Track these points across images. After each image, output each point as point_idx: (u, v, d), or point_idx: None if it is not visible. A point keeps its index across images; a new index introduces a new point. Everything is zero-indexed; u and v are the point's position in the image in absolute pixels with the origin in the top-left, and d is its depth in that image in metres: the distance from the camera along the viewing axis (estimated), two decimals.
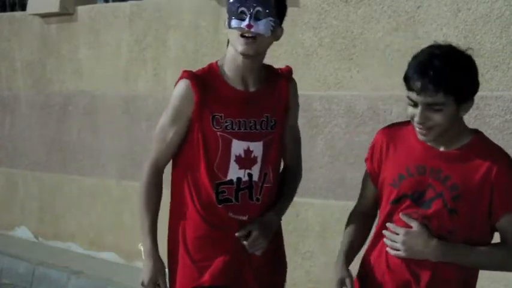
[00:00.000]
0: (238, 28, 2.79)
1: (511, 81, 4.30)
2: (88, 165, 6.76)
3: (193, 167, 2.90)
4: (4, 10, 8.12)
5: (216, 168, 2.87)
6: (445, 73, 2.44)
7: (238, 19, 2.79)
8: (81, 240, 6.79)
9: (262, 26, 2.79)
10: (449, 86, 2.43)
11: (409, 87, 2.47)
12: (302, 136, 3.18)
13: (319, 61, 5.12)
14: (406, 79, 2.48)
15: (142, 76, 6.29)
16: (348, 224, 2.81)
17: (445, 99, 2.44)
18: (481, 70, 4.38)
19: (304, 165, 5.22)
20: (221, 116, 2.86)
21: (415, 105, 2.47)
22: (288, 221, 5.40)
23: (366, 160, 2.75)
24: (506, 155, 2.60)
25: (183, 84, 2.88)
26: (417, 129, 2.52)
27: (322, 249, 5.07)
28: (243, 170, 2.89)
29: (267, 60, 3.01)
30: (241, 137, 2.89)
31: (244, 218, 2.91)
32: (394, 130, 2.70)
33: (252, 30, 2.78)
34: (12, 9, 8.04)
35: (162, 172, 2.97)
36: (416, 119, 2.48)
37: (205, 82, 2.88)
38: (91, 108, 6.78)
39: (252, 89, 2.92)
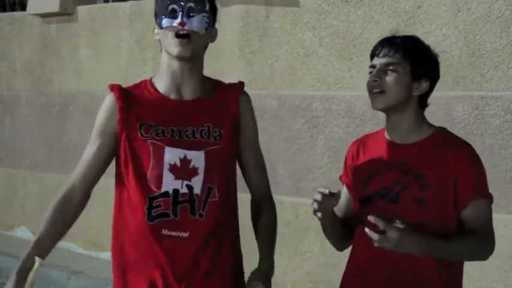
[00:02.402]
0: (171, 27, 2.58)
1: (511, 81, 4.30)
2: None
3: (125, 183, 2.65)
4: (4, 10, 8.12)
5: (149, 181, 2.59)
6: (406, 42, 2.61)
7: (169, 18, 2.59)
8: (81, 240, 6.80)
9: (196, 23, 2.59)
10: (407, 51, 2.58)
11: (372, 56, 2.62)
12: (302, 136, 3.17)
13: (319, 61, 5.12)
14: (371, 53, 2.64)
15: (142, 76, 6.22)
16: None
17: (401, 61, 2.56)
18: (481, 70, 4.42)
19: (304, 165, 5.24)
20: (151, 125, 2.60)
21: (372, 71, 2.60)
22: (288, 221, 5.41)
23: (340, 177, 2.81)
24: (469, 145, 2.63)
25: (107, 96, 2.68)
26: (370, 94, 2.59)
27: (322, 249, 5.07)
28: (179, 181, 2.57)
29: (267, 59, 2.99)
30: (176, 144, 2.59)
31: (185, 234, 2.57)
32: (364, 138, 2.79)
33: (186, 27, 2.57)
34: (12, 9, 8.05)
35: (84, 192, 2.70)
36: (371, 78, 2.58)
37: (133, 93, 2.67)
38: (91, 108, 6.77)
39: (188, 98, 2.64)
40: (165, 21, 2.60)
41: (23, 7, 7.70)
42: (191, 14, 2.60)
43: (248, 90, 2.77)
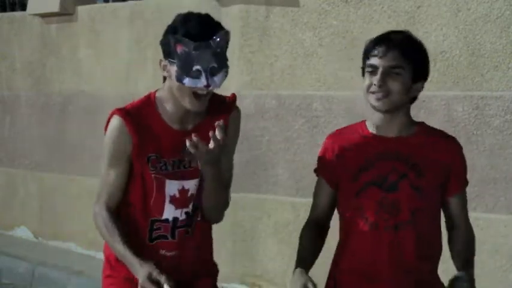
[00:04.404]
0: (194, 87, 2.64)
1: (511, 81, 4.30)
2: (88, 165, 6.75)
3: (130, 203, 2.79)
4: (4, 10, 8.12)
5: (152, 207, 2.76)
6: (407, 42, 2.63)
7: (192, 77, 2.63)
8: (81, 240, 6.79)
9: (217, 81, 2.66)
10: (410, 52, 2.60)
11: (370, 55, 2.60)
12: (302, 136, 3.17)
13: (319, 61, 5.12)
14: (367, 50, 2.62)
15: (142, 76, 6.29)
16: (301, 237, 2.94)
17: (406, 64, 2.58)
18: (481, 70, 4.42)
19: (304, 165, 5.23)
20: (156, 157, 2.73)
21: (373, 71, 2.58)
22: (288, 221, 5.41)
23: (315, 170, 2.82)
24: (454, 138, 2.74)
25: (117, 120, 2.73)
26: (374, 96, 2.59)
27: (322, 249, 5.07)
28: (179, 210, 2.77)
29: (267, 59, 2.99)
30: (175, 177, 2.75)
31: (176, 253, 2.80)
32: (340, 132, 2.85)
33: (210, 88, 2.65)
34: (12, 9, 8.05)
35: (115, 210, 2.82)
36: (375, 82, 2.57)
37: (140, 120, 2.73)
38: (91, 108, 6.78)
39: (189, 127, 2.75)
40: (188, 81, 2.63)
41: (23, 7, 7.70)
42: (214, 73, 2.65)
43: (248, 90, 2.79)
